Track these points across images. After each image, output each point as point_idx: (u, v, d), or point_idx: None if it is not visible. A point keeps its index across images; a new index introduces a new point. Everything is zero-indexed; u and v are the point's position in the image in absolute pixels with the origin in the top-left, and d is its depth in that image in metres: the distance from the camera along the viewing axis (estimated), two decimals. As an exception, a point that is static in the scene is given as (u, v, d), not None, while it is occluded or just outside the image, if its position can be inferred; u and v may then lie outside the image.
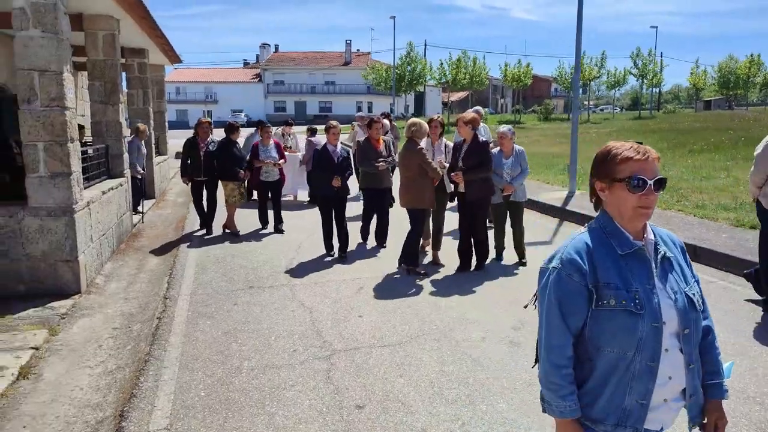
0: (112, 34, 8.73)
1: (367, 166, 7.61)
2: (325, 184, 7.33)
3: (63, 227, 5.96)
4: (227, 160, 8.71)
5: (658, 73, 47.63)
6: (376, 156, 7.64)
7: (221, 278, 6.58)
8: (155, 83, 15.06)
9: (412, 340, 4.74)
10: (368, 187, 7.92)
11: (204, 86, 67.73)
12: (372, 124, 7.82)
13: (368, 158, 7.60)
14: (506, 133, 6.97)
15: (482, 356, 4.41)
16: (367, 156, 7.62)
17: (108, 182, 8.24)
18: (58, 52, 5.78)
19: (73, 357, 4.62)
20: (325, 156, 7.37)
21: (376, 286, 6.22)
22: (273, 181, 9.09)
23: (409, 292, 5.98)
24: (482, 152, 6.44)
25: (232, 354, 4.51)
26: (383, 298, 5.83)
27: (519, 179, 6.93)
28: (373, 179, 7.75)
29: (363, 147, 7.77)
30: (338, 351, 4.53)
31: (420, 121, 6.77)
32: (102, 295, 6.19)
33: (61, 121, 5.88)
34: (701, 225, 8.32)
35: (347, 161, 7.63)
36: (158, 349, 4.62)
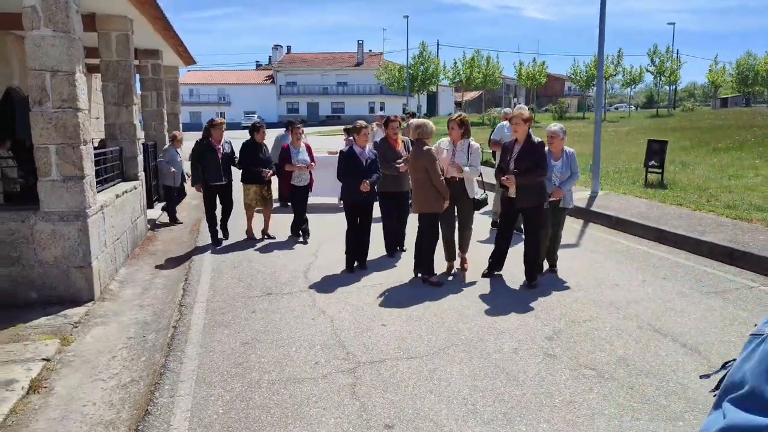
0: (126, 34, 8.59)
1: (386, 168, 7.12)
2: (353, 189, 6.70)
3: (76, 232, 5.78)
4: (251, 162, 8.18)
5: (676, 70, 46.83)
6: (394, 156, 7.27)
7: (238, 284, 6.37)
8: (169, 85, 14.97)
9: (440, 351, 4.49)
10: (386, 190, 7.24)
11: (217, 88, 67.93)
12: (389, 122, 7.39)
13: (386, 159, 7.18)
14: (557, 133, 6.33)
15: (517, 370, 4.15)
16: (385, 157, 7.19)
17: (122, 185, 8.07)
18: (70, 52, 5.60)
19: (86, 369, 4.42)
20: (352, 159, 6.78)
21: (397, 293, 5.97)
22: (303, 186, 8.46)
23: (433, 299, 5.72)
24: (537, 154, 5.85)
25: (251, 366, 4.28)
26: (406, 305, 5.57)
27: (568, 183, 6.36)
28: (392, 182, 7.22)
29: (380, 147, 7.33)
30: (363, 363, 4.29)
31: (425, 121, 6.32)
32: (116, 302, 6.00)
33: (74, 123, 5.70)
34: (735, 226, 7.97)
35: (375, 164, 6.99)
36: (174, 360, 4.41)
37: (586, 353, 4.41)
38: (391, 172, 7.14)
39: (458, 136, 6.30)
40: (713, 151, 16.79)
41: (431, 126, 6.26)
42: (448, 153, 6.27)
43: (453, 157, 6.22)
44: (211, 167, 8.09)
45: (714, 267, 6.73)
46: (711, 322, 5.04)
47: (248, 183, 8.32)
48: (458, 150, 6.29)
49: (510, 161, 5.94)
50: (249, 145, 8.30)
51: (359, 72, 67.67)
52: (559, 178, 6.31)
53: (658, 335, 4.75)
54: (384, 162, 7.11)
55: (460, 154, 6.27)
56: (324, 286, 6.24)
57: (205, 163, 8.07)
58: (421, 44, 47.95)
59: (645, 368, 4.14)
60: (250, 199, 8.36)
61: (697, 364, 4.21)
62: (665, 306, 5.44)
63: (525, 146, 5.87)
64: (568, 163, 6.37)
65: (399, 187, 7.29)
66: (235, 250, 7.93)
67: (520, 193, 5.87)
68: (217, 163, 8.10)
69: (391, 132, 7.41)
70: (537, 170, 5.83)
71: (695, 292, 5.83)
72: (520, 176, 5.81)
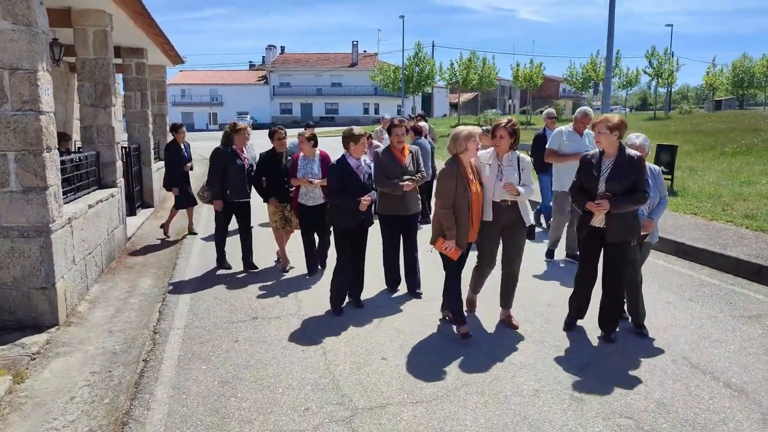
0: (104, 30, 7.95)
1: (387, 185, 5.75)
2: (347, 212, 5.41)
3: (38, 250, 5.14)
4: (276, 175, 6.76)
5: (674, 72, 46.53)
6: (399, 171, 5.77)
7: (221, 306, 5.75)
8: (155, 85, 14.33)
9: (450, 393, 3.88)
10: (388, 213, 5.88)
11: (209, 88, 67.16)
12: (392, 128, 5.82)
13: (388, 174, 5.78)
14: (643, 147, 4.82)
15: (540, 417, 3.55)
16: (386, 171, 5.78)
17: (97, 193, 7.43)
18: (32, 47, 4.96)
19: (38, 415, 3.79)
20: (348, 175, 5.45)
21: (397, 318, 5.36)
22: (314, 206, 6.50)
23: (438, 327, 5.12)
24: (638, 172, 4.48)
25: (230, 413, 3.66)
26: (408, 333, 4.97)
27: (659, 212, 4.92)
28: (396, 203, 5.78)
29: (381, 160, 5.82)
30: (361, 410, 3.68)
31: (458, 130, 4.75)
32: (84, 327, 5.37)
33: (36, 127, 5.06)
34: (758, 239, 7.42)
35: (371, 179, 5.73)
36: (140, 406, 3.78)
37: (619, 396, 3.82)
38: (391, 191, 5.72)
39: (507, 147, 4.89)
40: (720, 155, 16.30)
41: (461, 135, 4.70)
42: (493, 169, 4.86)
43: (501, 174, 4.83)
44: (235, 181, 6.84)
45: (742, 286, 6.17)
46: (753, 354, 4.47)
47: (268, 201, 6.93)
48: (506, 165, 4.88)
49: (599, 180, 4.56)
50: (272, 154, 6.83)
51: (353, 73, 67.08)
52: (648, 206, 4.85)
53: (697, 372, 4.17)
54: (382, 177, 5.76)
55: (509, 170, 4.86)
56: (316, 309, 5.63)
57: (228, 176, 6.81)
58: (417, 45, 47.42)
59: (689, 417, 3.55)
60: (274, 219, 6.96)
61: (749, 411, 3.63)
62: (698, 334, 4.86)
63: (620, 161, 4.52)
64: (656, 184, 4.90)
65: (406, 209, 5.84)
66: (220, 268, 7.30)
67: (612, 222, 4.53)
68: (241, 176, 6.86)
69: (395, 141, 5.82)
70: (638, 193, 4.46)
71: (728, 317, 5.26)
72: (617, 201, 4.45)
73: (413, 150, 6.03)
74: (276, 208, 6.83)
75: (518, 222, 4.90)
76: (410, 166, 5.87)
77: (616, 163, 4.53)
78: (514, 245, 4.99)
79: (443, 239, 4.67)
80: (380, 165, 5.80)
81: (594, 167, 4.61)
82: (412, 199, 5.89)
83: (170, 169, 9.24)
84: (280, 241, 7.03)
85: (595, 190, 4.58)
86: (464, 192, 4.62)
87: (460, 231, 4.64)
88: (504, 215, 4.86)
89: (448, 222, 4.63)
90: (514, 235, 4.96)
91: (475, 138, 4.68)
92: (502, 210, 4.84)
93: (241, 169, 6.86)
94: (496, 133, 4.86)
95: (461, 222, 4.64)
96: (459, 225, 4.63)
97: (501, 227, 4.91)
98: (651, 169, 4.90)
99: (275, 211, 6.86)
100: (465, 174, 4.68)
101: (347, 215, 5.43)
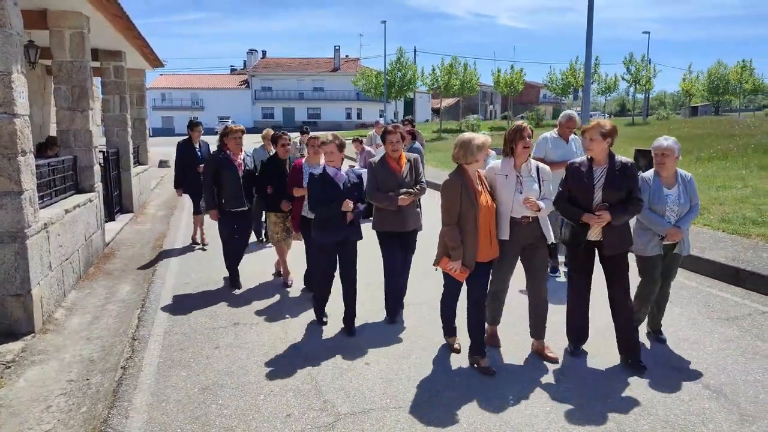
0: (81, 32, 7.83)
1: (380, 199, 5.15)
2: (329, 225, 4.93)
3: (12, 256, 5.03)
4: (279, 184, 6.20)
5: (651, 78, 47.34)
6: (395, 183, 5.15)
7: (201, 312, 5.67)
8: (135, 89, 14.13)
9: (434, 398, 3.87)
10: (385, 230, 5.29)
11: (190, 92, 66.60)
12: (386, 135, 5.23)
13: (383, 187, 5.15)
14: (672, 149, 4.46)
15: (522, 421, 3.56)
16: (380, 183, 5.16)
17: (74, 198, 7.30)
18: (6, 49, 4.87)
19: (12, 425, 3.70)
20: (326, 184, 4.93)
21: (381, 322, 5.34)
22: None
23: (422, 332, 5.11)
24: (632, 179, 4.26)
25: (211, 421, 3.61)
26: (391, 337, 4.95)
27: (688, 221, 4.55)
28: (393, 218, 5.19)
29: (376, 170, 5.22)
30: (343, 416, 3.65)
31: (469, 137, 4.15)
32: (60, 335, 5.26)
33: (10, 130, 4.96)
34: (734, 243, 7.55)
35: (359, 190, 5.10)
36: (118, 414, 3.71)
37: (600, 399, 3.84)
38: (387, 206, 5.13)
39: (525, 156, 4.33)
40: (697, 160, 16.58)
41: (473, 144, 4.09)
42: (509, 182, 4.30)
43: (521, 186, 4.28)
44: (230, 188, 6.33)
45: (720, 289, 6.26)
46: (730, 356, 4.53)
47: (270, 210, 6.49)
48: (525, 177, 4.32)
49: (594, 189, 4.23)
50: (274, 160, 6.41)
51: (336, 77, 67.07)
52: (676, 213, 4.51)
53: (677, 373, 4.22)
54: (374, 191, 5.16)
55: (528, 182, 4.31)
56: (298, 313, 5.59)
57: (222, 183, 6.34)
58: (399, 50, 47.53)
59: (670, 418, 3.58)
60: (271, 231, 6.51)
61: (727, 412, 3.67)
62: (677, 336, 4.92)
63: (613, 169, 4.23)
64: (686, 191, 4.55)
65: (403, 224, 5.24)
66: (200, 272, 7.22)
67: (609, 234, 4.23)
68: (236, 183, 6.34)
69: (389, 149, 5.21)
70: (634, 203, 4.23)
71: (706, 319, 5.34)
72: (617, 212, 4.15)
73: (411, 158, 5.34)
74: (278, 219, 6.39)
75: (540, 240, 4.37)
76: (407, 176, 5.22)
77: (609, 171, 4.23)
78: (537, 266, 4.42)
79: (448, 259, 4.19)
80: (374, 177, 5.22)
81: (584, 176, 4.28)
82: (411, 214, 5.27)
83: (182, 170, 8.46)
84: (282, 254, 6.60)
85: (589, 200, 4.24)
86: (471, 206, 4.08)
87: (467, 250, 4.12)
88: (524, 233, 4.31)
89: (452, 241, 4.10)
90: (537, 255, 4.40)
91: (487, 149, 4.16)
92: (523, 227, 4.30)
93: (235, 176, 6.32)
94: (517, 135, 4.29)
95: (468, 240, 4.10)
96: (466, 243, 4.11)
97: (521, 247, 4.37)
98: (683, 176, 4.61)
99: (277, 222, 6.41)
100: (472, 185, 4.14)
101: (329, 229, 4.94)
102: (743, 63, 54.75)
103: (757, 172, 13.74)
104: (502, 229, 4.30)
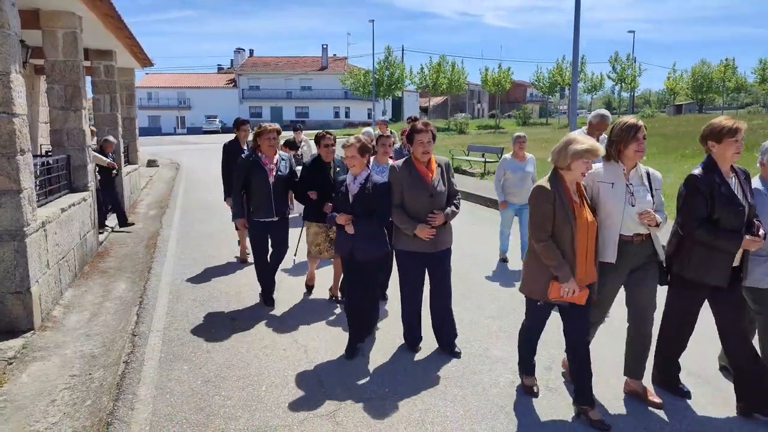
0: (74, 32, 7.86)
1: (402, 221, 4.26)
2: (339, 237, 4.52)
3: (12, 254, 5.09)
4: (324, 190, 5.47)
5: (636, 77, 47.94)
6: (424, 194, 4.22)
7: (199, 308, 5.76)
8: (124, 88, 14.14)
9: (430, 387, 4.00)
10: (404, 249, 4.42)
11: (177, 91, 66.16)
12: (414, 135, 4.27)
13: (408, 196, 4.25)
14: None
15: (517, 407, 3.70)
16: (407, 192, 4.25)
17: (69, 197, 7.34)
18: (4, 49, 4.92)
19: (19, 418, 3.77)
20: (343, 193, 4.47)
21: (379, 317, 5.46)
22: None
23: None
24: (750, 188, 3.55)
25: (215, 411, 3.71)
26: (388, 329, 5.08)
27: None
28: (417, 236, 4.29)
29: (398, 177, 4.28)
30: (344, 404, 3.77)
31: (569, 138, 3.41)
32: (59, 332, 5.32)
33: (8, 129, 5.02)
34: (718, 237, 7.76)
35: (380, 199, 4.33)
36: (124, 406, 3.80)
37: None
38: (405, 228, 4.27)
39: (636, 161, 3.59)
40: (681, 158, 16.86)
41: (580, 145, 3.31)
42: (618, 192, 3.52)
43: (633, 198, 3.52)
44: (258, 196, 5.63)
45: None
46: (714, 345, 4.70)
47: (310, 220, 5.72)
48: (636, 184, 3.56)
49: (744, 205, 3.42)
50: (317, 162, 5.68)
51: (323, 76, 66.99)
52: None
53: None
54: (398, 209, 4.30)
55: (641, 190, 3.55)
56: (295, 308, 5.70)
57: (252, 190, 5.67)
58: (387, 49, 47.73)
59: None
60: (316, 243, 5.73)
61: (711, 396, 3.84)
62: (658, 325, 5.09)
63: (742, 177, 3.52)
64: None
65: (430, 244, 4.30)
66: (196, 267, 7.30)
67: (745, 258, 3.52)
68: (266, 191, 5.61)
69: (419, 151, 4.26)
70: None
71: (691, 310, 5.51)
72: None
73: (443, 163, 4.43)
74: (320, 229, 5.64)
75: (652, 261, 3.63)
76: (439, 184, 4.29)
77: (742, 181, 3.49)
78: (646, 292, 3.64)
79: (557, 283, 3.39)
80: (397, 185, 4.30)
81: (721, 188, 3.39)
82: (442, 230, 4.35)
83: (230, 174, 7.00)
84: (312, 264, 6.07)
85: (740, 220, 3.39)
86: (566, 221, 3.35)
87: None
88: (635, 253, 3.58)
89: (552, 258, 3.37)
90: (647, 279, 3.63)
91: (589, 158, 3.32)
92: (634, 246, 3.57)
93: (265, 182, 5.59)
94: (631, 133, 3.48)
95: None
96: None
97: (629, 270, 3.61)
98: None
99: (318, 233, 5.67)
100: (568, 195, 3.40)
101: (343, 241, 4.47)
102: (726, 62, 55.61)
103: (740, 168, 14.05)
104: (608, 249, 3.55)
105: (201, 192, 14.21)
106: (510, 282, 6.49)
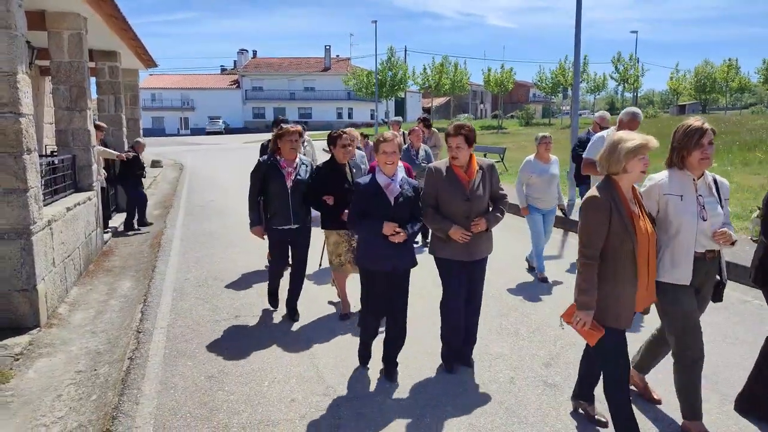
0: (79, 33, 7.94)
1: (436, 221, 3.95)
2: (379, 248, 3.93)
3: (18, 252, 5.16)
4: (339, 195, 5.09)
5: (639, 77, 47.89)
6: (461, 198, 3.92)
7: (203, 306, 5.82)
8: (128, 89, 14.24)
9: (431, 383, 4.06)
10: (445, 257, 4.05)
11: (180, 92, 66.37)
12: (447, 138, 3.96)
13: (443, 201, 3.96)
14: None
15: (516, 404, 3.75)
16: (441, 196, 3.96)
17: (74, 197, 7.42)
18: (11, 50, 5.00)
19: (26, 412, 3.84)
20: (374, 197, 3.95)
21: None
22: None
23: (416, 320, 5.29)
24: None
25: (218, 406, 3.77)
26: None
27: None
28: (455, 243, 3.95)
29: (434, 179, 3.99)
30: (345, 401, 3.82)
31: (616, 138, 3.03)
32: (65, 329, 5.39)
33: (15, 129, 5.09)
34: (719, 236, 7.79)
35: (414, 205, 4.03)
36: (129, 401, 3.87)
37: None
38: (436, 230, 4.00)
39: (702, 170, 3.22)
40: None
41: (629, 144, 2.93)
42: (688, 204, 3.17)
43: (703, 211, 3.17)
44: (276, 202, 5.23)
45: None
46: (712, 341, 4.74)
47: (329, 228, 5.25)
48: (705, 195, 3.21)
49: None
50: (331, 165, 5.25)
51: (326, 77, 67.11)
52: None
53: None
54: (431, 210, 4.00)
55: (711, 204, 3.21)
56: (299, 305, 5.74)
57: (269, 195, 5.27)
58: (390, 49, 47.76)
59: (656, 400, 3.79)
60: (338, 254, 5.27)
61: (709, 393, 3.88)
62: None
63: None
64: None
65: (469, 252, 4.00)
66: (200, 266, 7.36)
67: None
68: (284, 197, 5.21)
69: (455, 151, 3.93)
70: None
71: (690, 308, 5.55)
72: None
73: (485, 165, 4.06)
74: (340, 238, 5.20)
75: (713, 279, 3.34)
76: (479, 188, 3.97)
77: None
78: (698, 313, 3.31)
79: (575, 308, 3.08)
80: (432, 187, 4.00)
81: None
82: (481, 238, 4.02)
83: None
84: (341, 281, 5.44)
85: None
86: (625, 235, 2.96)
87: (623, 302, 3.03)
88: (706, 272, 3.28)
89: (588, 281, 2.99)
90: (706, 298, 3.39)
91: (644, 153, 2.96)
92: (706, 263, 3.25)
93: (283, 187, 5.17)
94: (694, 139, 3.12)
95: (623, 286, 3.02)
96: (619, 291, 3.02)
97: (695, 290, 3.27)
98: None
99: (339, 242, 5.21)
100: (626, 205, 3.01)
101: (377, 252, 3.95)
102: (729, 62, 55.50)
103: (741, 168, 14.06)
104: (681, 269, 3.18)
105: (205, 192, 14.30)
106: (511, 281, 6.53)
